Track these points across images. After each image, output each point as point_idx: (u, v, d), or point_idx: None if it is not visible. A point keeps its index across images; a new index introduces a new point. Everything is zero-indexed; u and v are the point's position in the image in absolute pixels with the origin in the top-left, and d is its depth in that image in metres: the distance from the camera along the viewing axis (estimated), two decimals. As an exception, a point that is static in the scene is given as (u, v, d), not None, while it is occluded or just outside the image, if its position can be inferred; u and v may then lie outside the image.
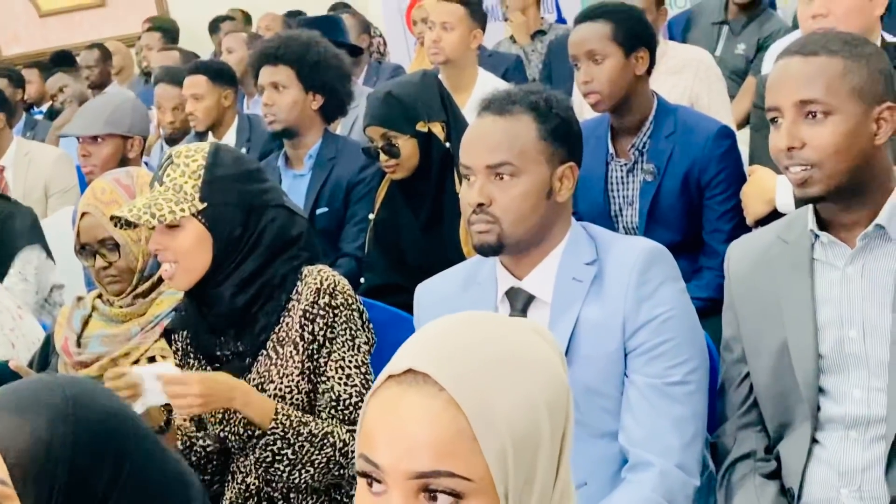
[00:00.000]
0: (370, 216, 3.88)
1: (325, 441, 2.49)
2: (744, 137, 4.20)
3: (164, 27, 8.88)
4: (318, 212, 4.07)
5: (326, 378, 2.55)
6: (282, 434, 2.47)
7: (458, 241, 3.48)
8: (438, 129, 3.62)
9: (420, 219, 3.68)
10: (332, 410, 2.53)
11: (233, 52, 6.62)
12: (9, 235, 4.22)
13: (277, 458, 2.49)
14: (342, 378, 2.54)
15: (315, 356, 2.55)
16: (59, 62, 8.24)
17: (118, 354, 2.87)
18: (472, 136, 2.42)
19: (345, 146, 4.17)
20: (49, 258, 4.27)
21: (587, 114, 3.93)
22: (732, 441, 2.40)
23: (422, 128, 3.60)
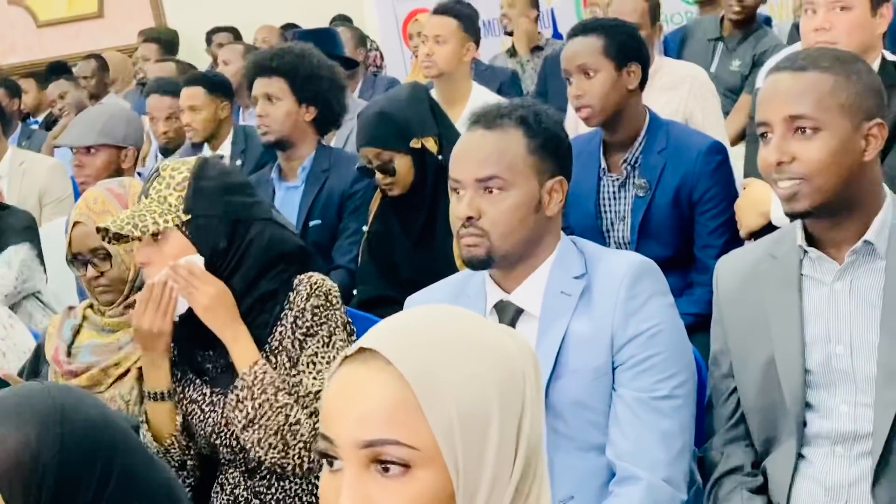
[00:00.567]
0: (363, 228, 3.89)
1: (282, 411, 2.51)
2: (737, 154, 4.21)
3: (162, 38, 8.90)
4: (312, 224, 4.08)
5: (297, 372, 2.57)
6: (249, 384, 2.51)
7: (451, 255, 3.47)
8: (431, 144, 3.63)
9: (413, 232, 3.69)
10: (297, 398, 2.55)
11: (229, 64, 6.63)
12: (2, 231, 4.22)
13: (239, 408, 2.52)
14: (311, 372, 2.56)
15: (296, 354, 2.58)
16: (55, 73, 8.24)
17: (108, 364, 2.86)
18: (462, 150, 2.42)
19: (338, 158, 4.17)
20: (40, 262, 4.25)
21: (583, 129, 3.93)
22: (720, 455, 2.40)
23: (415, 144, 3.61)
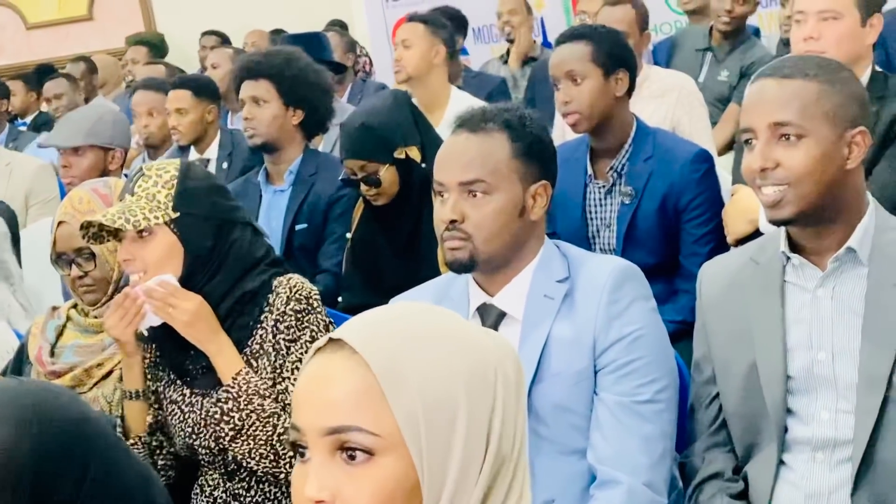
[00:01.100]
0: (348, 234, 3.88)
1: (269, 421, 2.52)
2: (724, 163, 4.22)
3: (151, 42, 8.90)
4: (298, 227, 4.08)
5: (282, 378, 2.57)
6: (234, 395, 2.51)
7: (436, 263, 3.47)
8: (415, 153, 3.62)
9: (398, 240, 3.68)
10: (286, 406, 2.55)
11: (218, 68, 6.63)
12: None
13: (225, 420, 2.52)
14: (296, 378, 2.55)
15: (281, 360, 2.57)
16: (44, 75, 8.23)
17: (92, 365, 2.86)
18: (446, 153, 2.43)
19: (325, 163, 4.17)
20: (13, 247, 4.20)
21: (570, 136, 3.94)
22: (701, 461, 2.40)
23: (399, 154, 3.60)
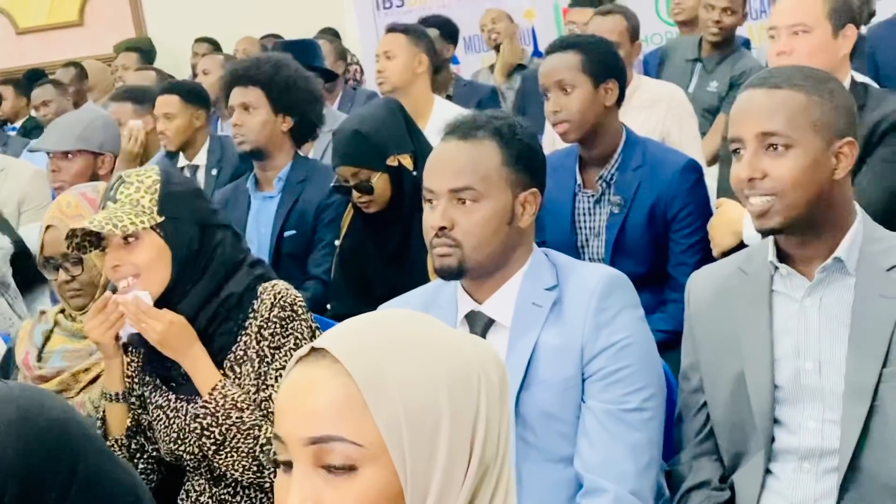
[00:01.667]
0: (337, 241, 3.88)
1: (251, 433, 2.52)
2: (713, 173, 4.23)
3: (141, 48, 8.89)
4: (287, 234, 4.08)
5: (266, 386, 2.57)
6: (212, 411, 2.52)
7: (426, 271, 3.47)
8: (407, 161, 3.62)
9: (387, 249, 3.68)
10: (268, 414, 2.55)
11: (208, 74, 6.63)
12: None
13: (206, 434, 2.53)
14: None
15: (265, 367, 2.57)
16: (34, 80, 8.22)
17: (79, 369, 2.86)
18: (436, 160, 2.43)
19: (315, 169, 4.17)
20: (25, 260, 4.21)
21: (560, 145, 3.94)
22: (688, 469, 2.41)
23: (392, 162, 3.61)
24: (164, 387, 2.66)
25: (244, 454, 2.53)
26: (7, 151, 7.03)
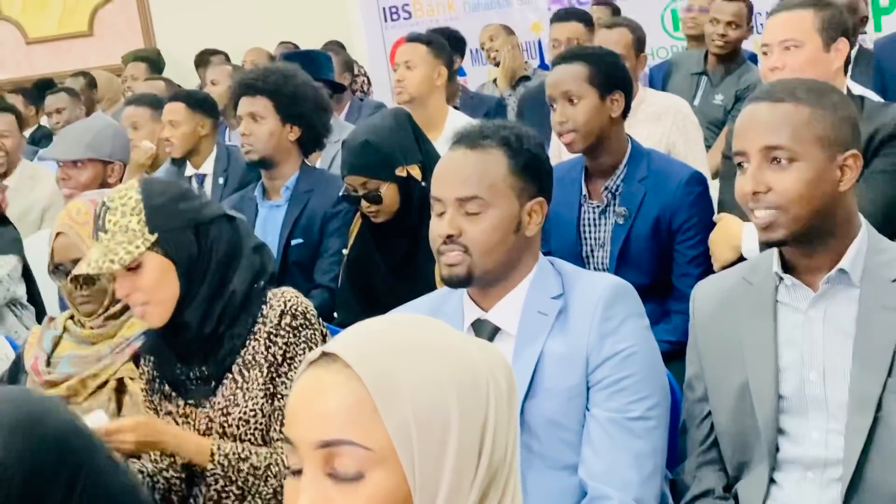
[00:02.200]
0: (344, 250, 3.90)
1: (269, 472, 2.54)
2: (717, 186, 4.24)
3: (149, 58, 8.91)
4: (294, 243, 4.10)
5: (281, 396, 2.57)
6: (222, 473, 2.53)
7: (433, 282, 3.48)
8: (416, 171, 3.64)
9: (394, 259, 3.70)
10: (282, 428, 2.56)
11: (217, 85, 6.66)
12: None
13: (223, 495, 2.55)
14: None
15: (276, 377, 2.58)
16: (43, 90, 8.25)
17: (87, 375, 2.87)
18: (444, 169, 2.45)
19: (322, 179, 4.20)
20: (22, 275, 4.25)
21: (566, 157, 3.96)
22: (692, 479, 2.42)
23: (401, 172, 3.62)
24: (174, 393, 2.67)
25: (269, 495, 2.55)
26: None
